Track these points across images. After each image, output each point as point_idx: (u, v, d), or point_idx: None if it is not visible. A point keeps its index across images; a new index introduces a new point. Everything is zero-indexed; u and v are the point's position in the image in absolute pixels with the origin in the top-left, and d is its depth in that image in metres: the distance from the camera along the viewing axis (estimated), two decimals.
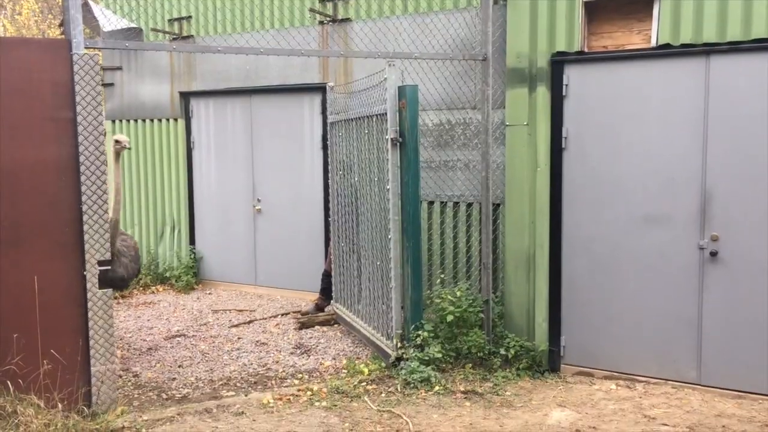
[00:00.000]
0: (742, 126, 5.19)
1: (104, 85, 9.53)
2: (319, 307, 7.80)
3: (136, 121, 9.60)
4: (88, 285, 4.82)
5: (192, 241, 9.44)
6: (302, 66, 8.20)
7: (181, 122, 9.29)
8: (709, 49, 5.23)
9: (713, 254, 5.33)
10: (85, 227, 4.79)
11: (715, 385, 5.43)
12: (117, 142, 5.81)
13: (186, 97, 9.25)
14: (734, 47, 5.15)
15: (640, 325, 5.67)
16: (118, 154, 5.81)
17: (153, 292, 9.07)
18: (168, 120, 9.36)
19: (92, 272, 4.82)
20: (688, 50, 5.30)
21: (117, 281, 5.91)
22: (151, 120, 9.48)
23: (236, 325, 7.56)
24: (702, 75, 5.28)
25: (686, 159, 5.39)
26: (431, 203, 7.13)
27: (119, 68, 9.59)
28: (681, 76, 5.37)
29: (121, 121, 9.70)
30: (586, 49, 5.72)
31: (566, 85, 5.77)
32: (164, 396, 5.51)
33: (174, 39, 9.06)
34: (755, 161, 5.16)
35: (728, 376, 5.37)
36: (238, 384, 5.80)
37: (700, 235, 5.38)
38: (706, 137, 5.30)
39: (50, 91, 4.72)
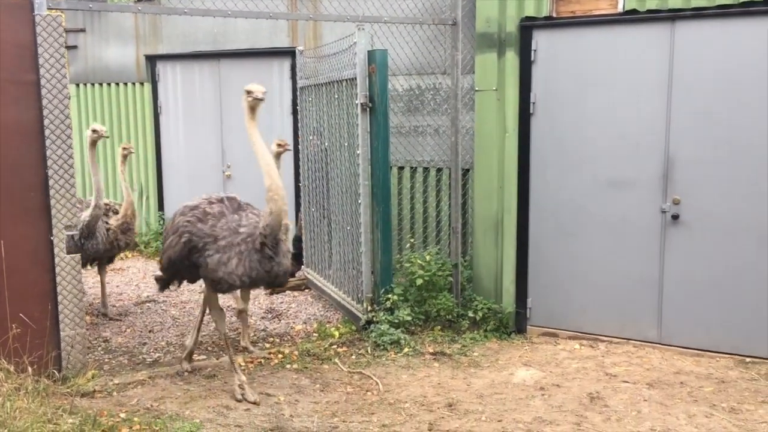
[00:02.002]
0: (704, 92, 5.29)
1: (68, 47, 9.30)
2: (290, 273, 7.83)
3: (101, 84, 9.42)
4: (56, 250, 4.78)
5: (161, 207, 9.37)
6: (271, 29, 8.09)
7: (147, 86, 9.13)
8: (674, 15, 5.30)
9: (675, 217, 5.47)
10: (51, 192, 4.73)
11: (674, 343, 5.62)
12: (249, 93, 4.39)
13: (152, 60, 9.08)
14: (699, 13, 5.22)
15: (604, 286, 5.82)
16: (252, 109, 4.45)
17: (122, 258, 9.00)
18: (134, 84, 9.20)
19: (59, 237, 4.78)
20: (654, 16, 5.36)
21: (281, 276, 4.73)
22: (117, 84, 9.31)
23: None
24: (667, 41, 5.36)
25: (650, 124, 5.48)
26: (401, 168, 7.16)
27: (83, 30, 9.36)
28: (647, 42, 5.44)
29: (85, 84, 9.50)
30: (554, 15, 5.74)
31: (534, 50, 5.81)
32: (135, 360, 5.54)
33: (139, 0, 8.86)
34: (716, 126, 5.27)
35: (687, 335, 5.56)
36: (210, 348, 5.84)
37: (663, 198, 5.51)
38: (670, 103, 5.40)
39: (12, 53, 4.61)
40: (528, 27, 5.79)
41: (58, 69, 4.68)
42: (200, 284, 7.77)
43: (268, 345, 5.89)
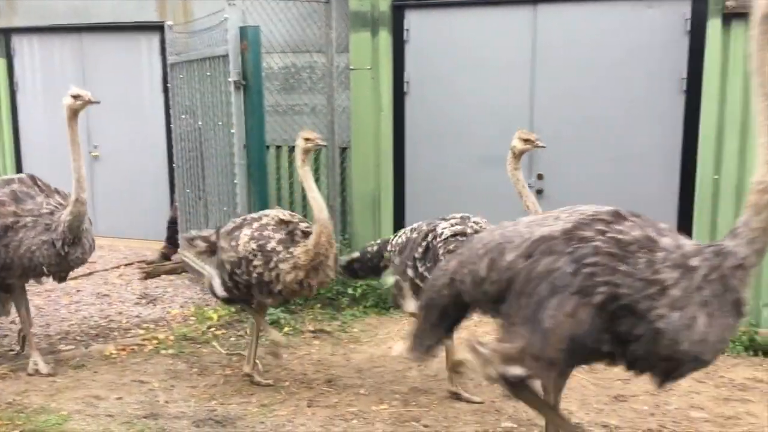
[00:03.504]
0: (565, 73, 5.60)
1: None
2: (165, 256, 7.59)
3: None
4: None
5: None
6: (138, 3, 7.74)
7: (2, 62, 8.49)
8: None
9: (539, 192, 5.77)
10: None
11: None
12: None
13: (6, 33, 8.45)
14: None
15: None
16: None
17: None
18: None
19: None
20: None
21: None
22: None
23: (74, 278, 7.18)
24: (530, 23, 5.61)
25: (517, 103, 5.74)
26: (279, 148, 7.08)
27: None
28: (512, 24, 5.67)
29: None
30: None
31: (407, 30, 5.91)
32: None
33: None
34: (575, 106, 5.60)
35: None
36: (78, 337, 5.57)
37: (528, 174, 5.80)
38: (534, 83, 5.67)
39: None
40: (400, 7, 5.88)
41: None
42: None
43: (142, 331, 5.68)
